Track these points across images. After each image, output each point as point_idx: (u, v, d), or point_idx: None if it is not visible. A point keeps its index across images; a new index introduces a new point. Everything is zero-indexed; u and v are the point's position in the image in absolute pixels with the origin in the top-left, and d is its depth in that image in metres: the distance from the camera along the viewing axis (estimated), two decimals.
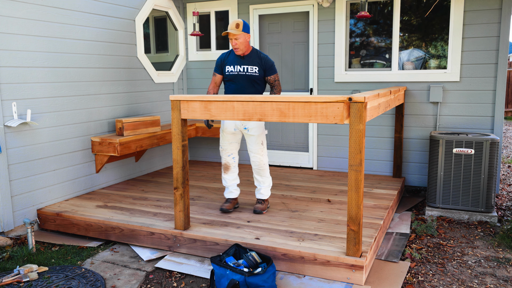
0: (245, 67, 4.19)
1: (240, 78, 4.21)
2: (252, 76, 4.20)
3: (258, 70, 4.20)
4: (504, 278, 3.45)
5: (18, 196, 4.30)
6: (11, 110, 4.19)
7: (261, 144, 4.27)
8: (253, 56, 4.23)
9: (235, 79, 4.22)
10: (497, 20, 5.01)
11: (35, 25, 4.38)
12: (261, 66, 4.21)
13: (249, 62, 4.20)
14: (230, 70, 4.22)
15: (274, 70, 4.26)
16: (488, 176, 4.59)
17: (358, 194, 3.18)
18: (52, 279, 3.44)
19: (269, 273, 3.12)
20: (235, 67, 4.21)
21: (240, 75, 4.20)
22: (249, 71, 4.19)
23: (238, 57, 4.22)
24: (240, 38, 4.07)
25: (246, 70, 4.19)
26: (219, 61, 4.31)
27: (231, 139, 4.32)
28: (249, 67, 4.19)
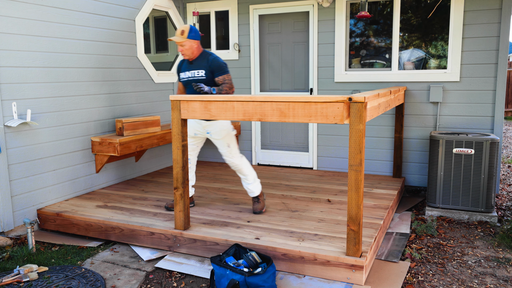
0: (193, 72, 4.17)
1: (191, 84, 4.19)
2: (199, 80, 4.14)
3: (205, 73, 4.12)
4: (504, 278, 3.45)
5: (18, 196, 4.30)
6: (11, 110, 4.19)
7: (228, 146, 4.19)
8: (200, 59, 4.17)
9: (187, 85, 4.23)
10: (497, 20, 5.01)
11: (35, 25, 4.38)
12: (208, 68, 4.12)
13: (196, 67, 4.17)
14: (182, 77, 4.25)
15: (224, 71, 4.13)
16: (488, 176, 4.59)
17: (358, 194, 3.18)
18: (52, 279, 3.44)
19: (269, 273, 3.12)
20: (185, 73, 4.22)
21: (189, 80, 4.19)
22: (196, 75, 4.15)
23: (188, 63, 4.22)
24: (185, 45, 4.06)
25: (193, 75, 4.17)
26: (177, 69, 4.36)
27: (190, 141, 4.30)
28: (195, 71, 4.16)
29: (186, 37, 4.05)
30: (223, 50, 6.51)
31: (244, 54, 6.37)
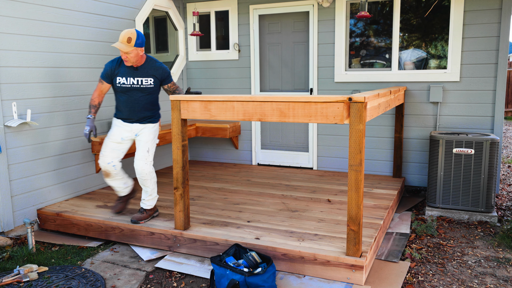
0: (139, 79, 3.90)
1: (134, 90, 3.92)
2: (148, 88, 3.95)
3: (153, 82, 3.95)
4: (504, 278, 3.45)
5: (18, 196, 4.30)
6: (11, 110, 4.19)
7: (147, 151, 4.03)
8: (147, 67, 3.93)
9: (128, 92, 3.92)
10: (497, 20, 5.01)
11: (35, 25, 4.38)
12: (156, 77, 3.96)
13: (143, 74, 3.91)
14: (122, 83, 3.89)
15: (171, 78, 4.06)
16: (488, 176, 4.59)
17: (358, 194, 3.18)
18: (52, 279, 3.44)
19: (269, 273, 3.12)
20: (128, 79, 3.88)
21: (134, 88, 3.90)
22: (144, 83, 3.92)
23: (131, 68, 3.90)
24: (131, 53, 3.75)
25: (141, 82, 3.90)
26: (109, 69, 3.91)
27: (115, 146, 4.06)
28: (143, 79, 3.91)
29: (133, 45, 3.72)
30: (223, 50, 6.51)
31: (244, 54, 6.37)
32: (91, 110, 4.04)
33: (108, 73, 3.93)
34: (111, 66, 3.92)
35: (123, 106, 3.99)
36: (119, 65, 3.93)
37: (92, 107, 4.04)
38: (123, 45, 3.71)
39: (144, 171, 4.02)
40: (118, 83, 3.91)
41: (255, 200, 4.77)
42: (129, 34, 3.71)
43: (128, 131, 4.07)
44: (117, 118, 4.10)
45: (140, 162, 4.01)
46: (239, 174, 5.98)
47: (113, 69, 3.91)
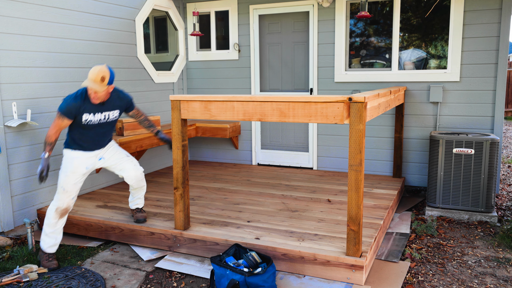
0: (106, 114, 3.73)
1: (101, 125, 3.76)
2: (114, 121, 3.84)
3: (118, 113, 3.84)
4: (504, 278, 3.45)
5: (18, 196, 4.30)
6: (11, 110, 4.19)
7: (127, 156, 3.99)
8: (113, 99, 3.76)
9: (95, 128, 3.73)
10: (497, 20, 5.01)
11: (35, 25, 4.39)
12: (122, 108, 3.84)
13: (109, 108, 3.75)
14: (89, 120, 3.64)
15: (133, 103, 3.95)
16: (488, 176, 4.59)
17: (358, 194, 3.18)
18: (52, 279, 3.44)
19: (269, 273, 3.12)
20: (95, 115, 3.67)
21: (101, 123, 3.74)
22: (111, 117, 3.79)
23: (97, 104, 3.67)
24: (103, 92, 3.55)
25: (108, 117, 3.76)
26: (73, 107, 3.55)
27: (79, 179, 3.76)
28: (109, 113, 3.75)
29: (106, 84, 3.51)
30: (223, 50, 6.51)
31: (244, 54, 6.37)
32: (46, 148, 3.60)
33: (73, 111, 3.56)
34: (76, 103, 3.56)
35: (86, 139, 3.74)
36: (83, 101, 3.60)
37: (48, 144, 3.60)
38: (97, 85, 3.47)
39: (139, 174, 4.00)
40: (84, 120, 3.63)
41: (255, 200, 4.77)
42: (102, 73, 3.46)
43: (91, 157, 3.80)
44: (74, 150, 3.73)
45: (134, 168, 3.96)
46: (239, 174, 5.98)
47: (78, 107, 3.57)
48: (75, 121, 3.66)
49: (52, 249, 3.72)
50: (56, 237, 3.72)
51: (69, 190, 3.69)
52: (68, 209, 3.73)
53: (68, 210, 3.74)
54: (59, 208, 3.68)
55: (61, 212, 3.70)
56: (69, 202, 3.71)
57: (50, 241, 3.70)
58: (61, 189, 3.68)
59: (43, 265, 3.66)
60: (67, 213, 3.78)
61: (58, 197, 3.68)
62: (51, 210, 3.68)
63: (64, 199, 3.69)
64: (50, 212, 3.68)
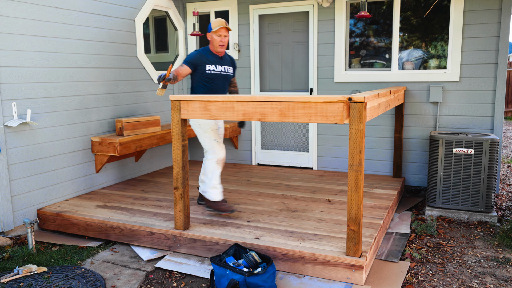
0: (225, 67, 4.26)
1: (220, 79, 4.23)
2: (230, 77, 4.33)
3: (232, 71, 4.35)
4: (504, 278, 3.45)
5: (18, 196, 4.30)
6: (11, 110, 4.19)
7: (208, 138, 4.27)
8: (226, 58, 4.33)
9: (215, 80, 4.20)
10: (497, 20, 5.01)
11: (35, 25, 4.39)
12: (232, 67, 4.36)
13: (226, 63, 4.30)
14: (212, 69, 4.16)
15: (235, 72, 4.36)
16: (488, 176, 4.59)
17: (358, 194, 3.18)
18: (52, 279, 3.44)
19: (269, 273, 3.12)
20: (217, 67, 4.20)
21: (222, 75, 4.24)
22: (229, 71, 4.30)
23: (216, 57, 4.22)
24: (228, 36, 4.14)
25: (227, 70, 4.28)
26: (197, 58, 4.11)
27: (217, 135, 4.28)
28: (227, 67, 4.29)
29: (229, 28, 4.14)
30: None
31: (244, 54, 6.37)
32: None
33: (195, 61, 4.10)
34: (198, 54, 4.12)
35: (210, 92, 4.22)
36: (205, 54, 4.16)
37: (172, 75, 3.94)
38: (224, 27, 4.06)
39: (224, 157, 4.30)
40: (208, 70, 4.13)
41: (255, 200, 4.77)
42: (223, 20, 4.10)
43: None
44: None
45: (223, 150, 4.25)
46: (239, 174, 5.98)
47: (200, 57, 4.11)
48: (199, 73, 4.14)
49: (222, 195, 4.23)
50: (220, 185, 4.22)
51: (219, 141, 4.20)
52: (224, 158, 4.20)
53: (224, 160, 4.21)
54: (218, 159, 4.16)
55: (221, 161, 4.19)
56: (223, 151, 4.20)
57: (217, 191, 4.20)
58: (214, 142, 4.16)
59: (224, 209, 4.15)
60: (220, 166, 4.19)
61: (214, 151, 4.16)
62: (211, 164, 4.15)
63: (219, 149, 4.16)
64: (212, 165, 4.15)
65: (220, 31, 4.08)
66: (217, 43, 4.12)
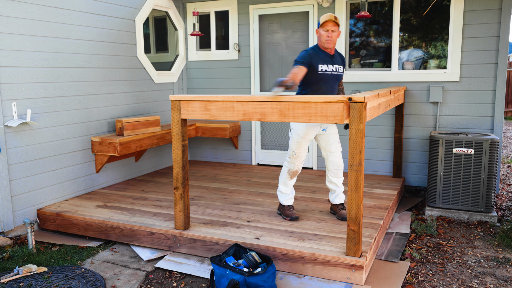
0: (336, 66, 3.84)
1: (332, 79, 3.84)
2: (340, 76, 3.92)
3: (342, 70, 3.94)
4: (504, 278, 3.46)
5: (18, 196, 4.30)
6: (11, 110, 4.19)
7: (339, 142, 4.09)
8: (337, 55, 3.95)
9: (326, 81, 3.82)
10: (497, 20, 5.01)
11: (35, 25, 4.39)
12: (343, 65, 3.98)
13: (337, 61, 3.89)
14: (324, 69, 3.77)
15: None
16: (488, 176, 4.60)
17: (358, 194, 3.19)
18: (52, 279, 3.45)
19: (269, 273, 3.13)
20: (328, 66, 3.80)
21: (333, 75, 3.83)
22: (339, 71, 3.88)
23: (327, 55, 3.84)
24: (336, 31, 3.76)
25: (338, 70, 3.86)
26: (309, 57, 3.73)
27: (306, 146, 4.02)
28: (338, 66, 3.88)
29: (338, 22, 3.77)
30: (223, 50, 6.52)
31: (244, 54, 6.38)
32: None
33: (307, 59, 3.71)
34: (309, 52, 3.77)
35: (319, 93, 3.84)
36: (316, 52, 3.80)
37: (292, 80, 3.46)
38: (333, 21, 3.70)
39: (341, 163, 4.08)
40: (320, 70, 3.76)
41: (255, 200, 4.78)
42: (334, 14, 3.78)
43: (316, 126, 3.88)
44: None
45: (337, 153, 4.05)
46: (239, 174, 5.99)
47: (311, 55, 3.75)
48: (311, 72, 3.76)
49: (289, 202, 4.17)
50: (290, 192, 4.17)
51: (300, 154, 4.02)
52: (298, 172, 4.09)
53: (298, 173, 4.11)
54: (290, 170, 4.09)
55: (292, 173, 4.10)
56: (299, 165, 4.06)
57: (286, 196, 4.17)
58: (293, 154, 4.03)
59: (286, 215, 4.14)
60: (297, 175, 4.15)
61: (290, 160, 4.06)
62: (284, 171, 4.13)
63: (295, 162, 4.05)
64: (283, 173, 4.13)
65: (327, 25, 3.71)
66: (324, 39, 3.76)
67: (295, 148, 3.99)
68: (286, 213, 4.15)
